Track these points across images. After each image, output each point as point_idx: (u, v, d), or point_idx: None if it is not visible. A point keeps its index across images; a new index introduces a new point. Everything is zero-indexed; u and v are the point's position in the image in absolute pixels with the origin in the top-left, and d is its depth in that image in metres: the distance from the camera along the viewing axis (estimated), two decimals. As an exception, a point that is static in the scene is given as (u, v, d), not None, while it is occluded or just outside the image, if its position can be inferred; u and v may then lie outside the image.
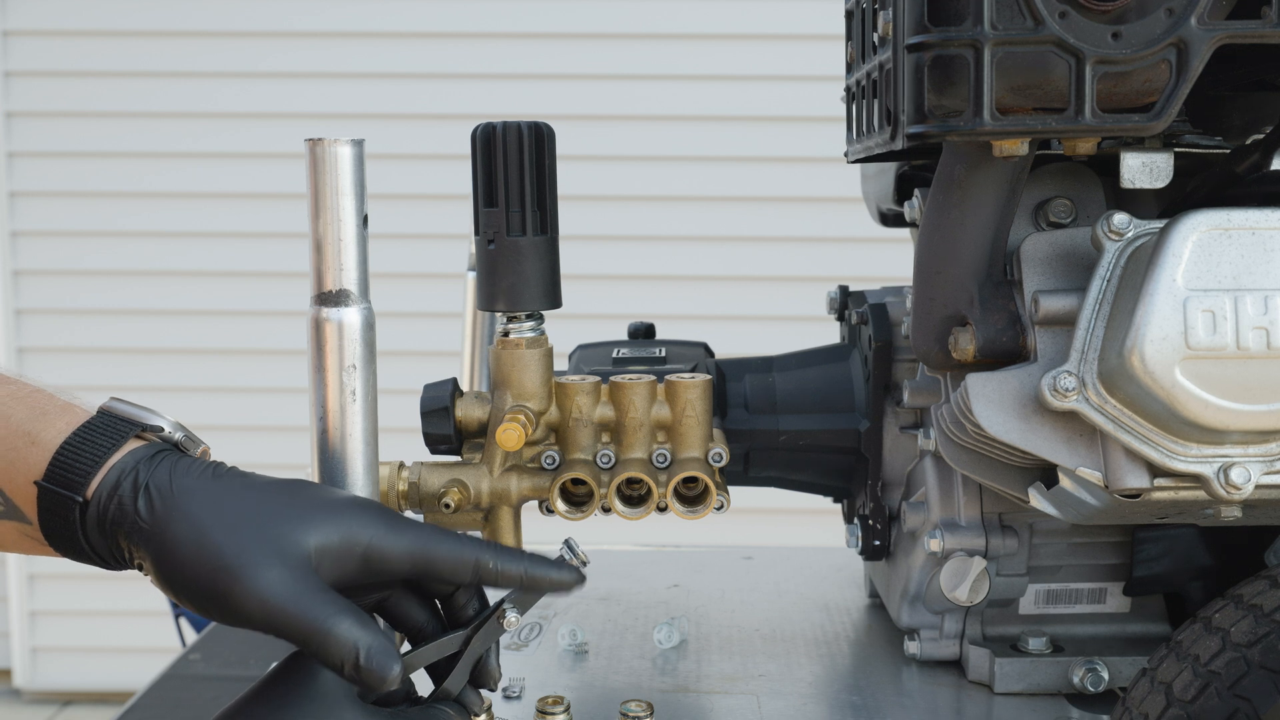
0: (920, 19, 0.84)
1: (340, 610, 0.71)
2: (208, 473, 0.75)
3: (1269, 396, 0.85)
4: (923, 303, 0.99)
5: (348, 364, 0.83)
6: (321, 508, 0.75)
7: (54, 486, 0.73)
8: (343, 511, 0.76)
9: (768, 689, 1.17)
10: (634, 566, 1.58)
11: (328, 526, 0.74)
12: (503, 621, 0.80)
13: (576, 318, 1.66)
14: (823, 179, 3.45)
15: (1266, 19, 0.82)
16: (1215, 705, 0.81)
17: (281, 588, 0.71)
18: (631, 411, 1.06)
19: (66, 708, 3.83)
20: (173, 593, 0.73)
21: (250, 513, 0.73)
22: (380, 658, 0.71)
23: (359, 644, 0.70)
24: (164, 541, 0.72)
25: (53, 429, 0.75)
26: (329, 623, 0.70)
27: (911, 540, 1.20)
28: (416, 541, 0.77)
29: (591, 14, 3.61)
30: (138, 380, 3.60)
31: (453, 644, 0.81)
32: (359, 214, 0.82)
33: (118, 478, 0.73)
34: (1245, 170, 1.02)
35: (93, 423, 0.76)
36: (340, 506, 0.76)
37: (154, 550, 0.72)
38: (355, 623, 0.71)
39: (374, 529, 0.76)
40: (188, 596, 0.73)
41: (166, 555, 0.72)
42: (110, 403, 0.78)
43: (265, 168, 3.63)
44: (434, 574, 0.78)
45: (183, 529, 0.72)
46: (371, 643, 0.71)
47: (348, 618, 0.71)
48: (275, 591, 0.70)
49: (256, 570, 0.71)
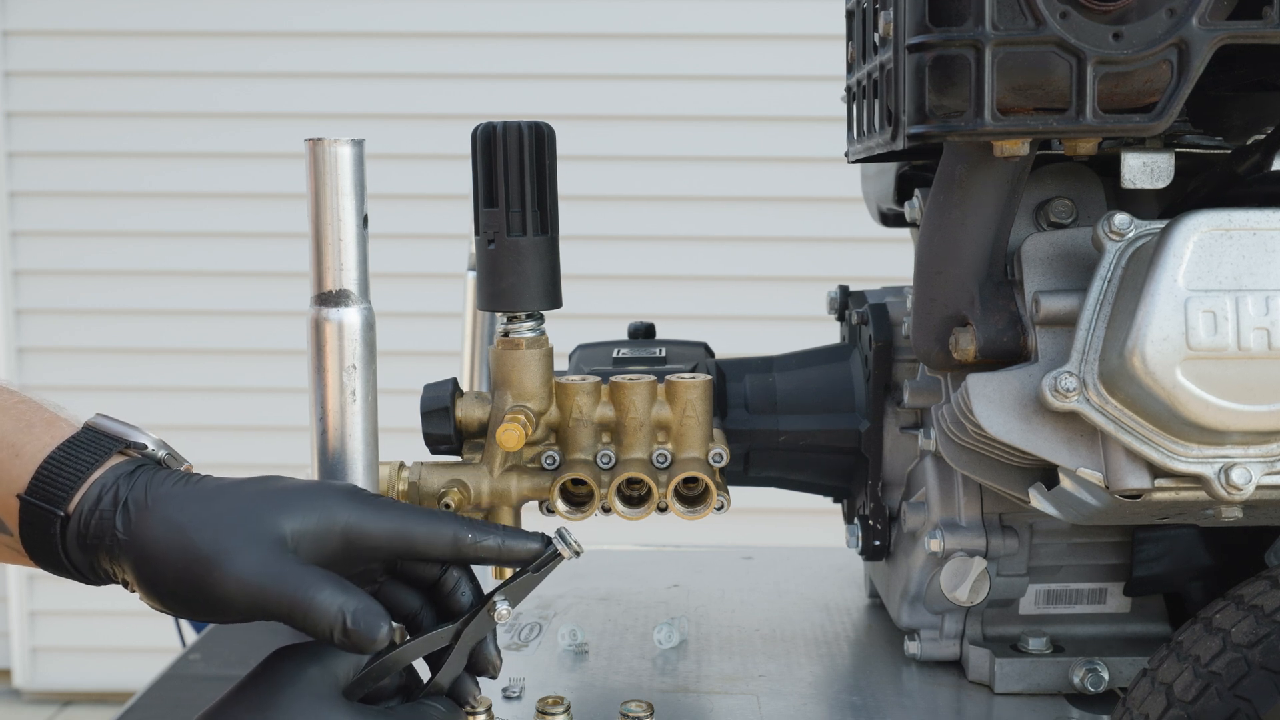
0: (921, 19, 0.84)
1: (321, 579, 0.72)
2: (181, 480, 0.76)
3: (1270, 397, 0.85)
4: (923, 303, 0.99)
5: (348, 364, 0.82)
6: (296, 493, 0.76)
7: (36, 501, 0.74)
8: (318, 494, 0.77)
9: (768, 689, 1.17)
10: (634, 566, 1.58)
11: (304, 509, 0.75)
12: (493, 614, 0.80)
13: (576, 318, 1.66)
14: (823, 179, 3.45)
15: (1267, 19, 0.82)
16: (1216, 706, 0.81)
17: (260, 567, 0.72)
18: (632, 411, 1.06)
19: (66, 708, 3.83)
20: (156, 598, 0.74)
21: (224, 507, 0.74)
22: (367, 618, 0.71)
23: (344, 608, 0.71)
24: (142, 548, 0.73)
25: (37, 443, 0.76)
26: (310, 591, 0.71)
27: (912, 540, 1.20)
28: (395, 519, 0.77)
29: (591, 14, 3.61)
30: (138, 380, 3.60)
31: (443, 638, 0.81)
32: (359, 214, 0.82)
33: (99, 493, 0.74)
34: (1246, 170, 1.02)
35: (77, 438, 0.76)
36: (315, 490, 0.77)
37: (133, 558, 0.73)
38: (338, 589, 0.72)
39: (351, 508, 0.77)
40: (170, 597, 0.73)
41: (145, 560, 0.72)
42: (95, 419, 0.78)
43: (265, 168, 3.63)
44: (414, 550, 0.78)
45: (158, 532, 0.73)
46: (356, 605, 0.71)
47: (329, 585, 0.72)
48: (254, 571, 0.71)
49: (233, 555, 0.72)
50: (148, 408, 3.52)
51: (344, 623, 0.71)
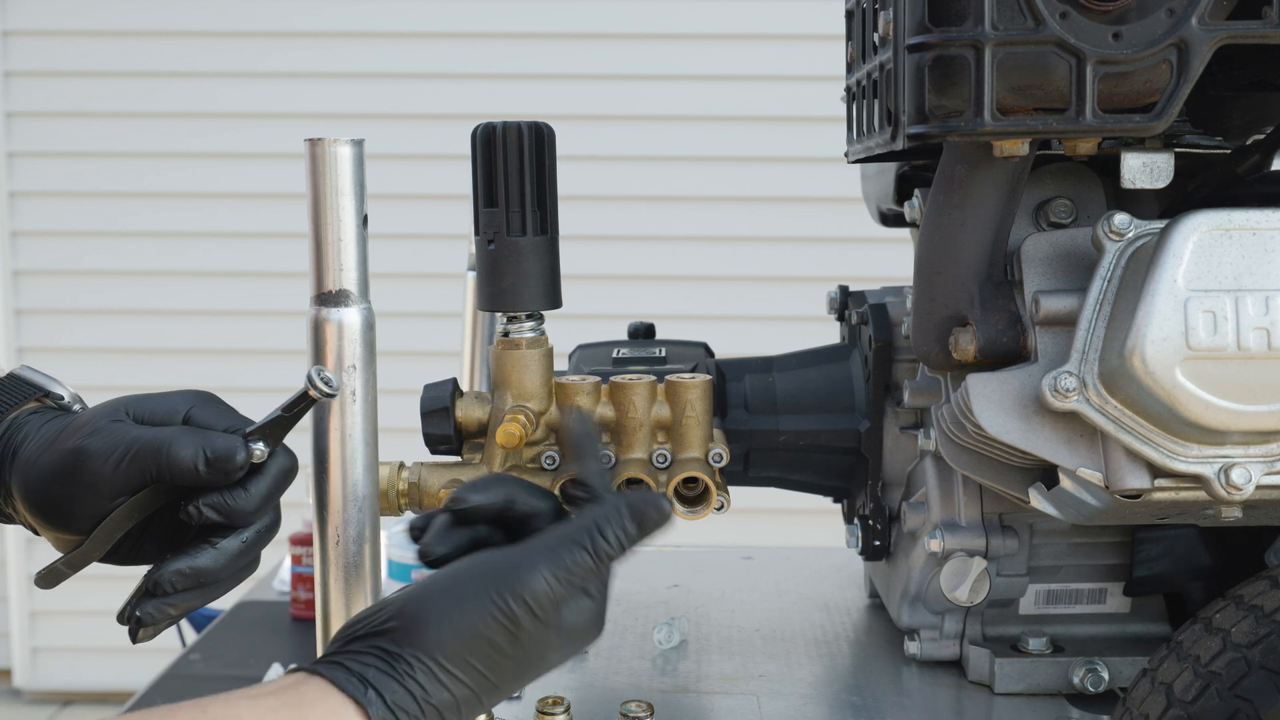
0: (921, 19, 0.84)
1: (176, 431, 0.80)
2: (60, 413, 0.85)
3: (1270, 397, 0.85)
4: (923, 303, 0.99)
5: (348, 364, 0.82)
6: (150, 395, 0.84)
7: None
8: (169, 396, 0.84)
9: (768, 689, 1.17)
10: (634, 566, 1.57)
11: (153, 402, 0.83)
12: (251, 457, 0.80)
13: (576, 318, 1.66)
14: (823, 179, 3.44)
15: (1267, 19, 0.82)
16: (1216, 706, 0.81)
17: (121, 435, 0.79)
18: (631, 411, 1.06)
19: (66, 708, 3.83)
20: (38, 511, 0.80)
21: (87, 415, 0.82)
22: (224, 448, 0.78)
23: (201, 445, 0.78)
24: (26, 463, 0.81)
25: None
26: (167, 439, 0.79)
27: (911, 540, 1.20)
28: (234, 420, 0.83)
29: (591, 14, 3.61)
30: (138, 380, 3.60)
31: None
32: (359, 214, 0.82)
33: (3, 433, 0.83)
34: (1246, 170, 1.02)
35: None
36: (168, 394, 0.84)
37: (20, 480, 0.81)
38: (192, 433, 0.80)
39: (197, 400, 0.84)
40: (49, 503, 0.80)
41: (28, 472, 0.81)
42: (19, 369, 0.87)
43: (265, 168, 3.63)
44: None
45: (35, 447, 0.82)
46: (208, 440, 0.79)
47: (184, 432, 0.80)
48: (116, 440, 0.79)
49: (96, 435, 0.79)
50: (148, 408, 3.51)
51: (204, 455, 0.78)
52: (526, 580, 0.71)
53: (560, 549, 0.73)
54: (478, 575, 0.72)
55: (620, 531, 0.76)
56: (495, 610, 0.70)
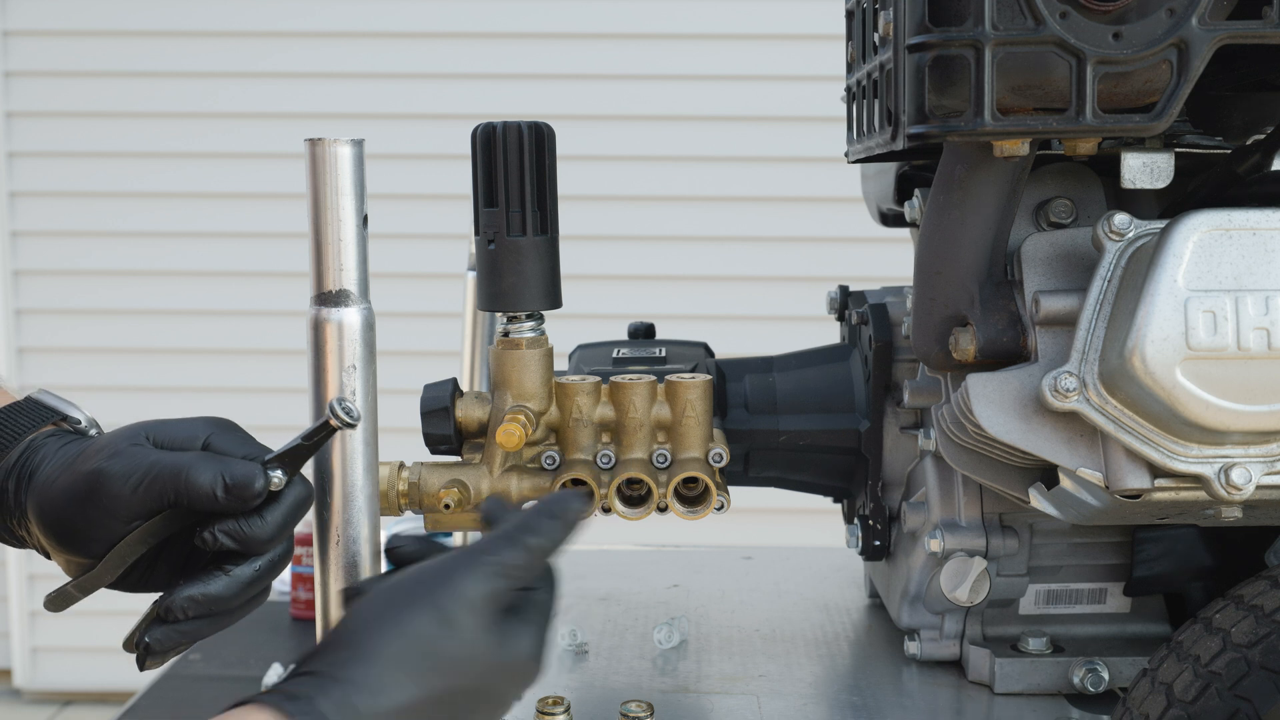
0: (921, 19, 0.84)
1: (194, 457, 0.80)
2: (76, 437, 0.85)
3: (1270, 397, 0.85)
4: (923, 303, 0.99)
5: (348, 364, 0.82)
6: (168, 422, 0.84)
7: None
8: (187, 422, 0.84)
9: (768, 689, 1.17)
10: (634, 566, 1.58)
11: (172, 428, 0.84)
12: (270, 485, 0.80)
13: (576, 318, 1.66)
14: (823, 179, 3.45)
15: (1267, 19, 0.82)
16: (1216, 706, 0.81)
17: (140, 458, 0.79)
18: (631, 411, 1.06)
19: (66, 708, 3.83)
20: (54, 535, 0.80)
21: (103, 440, 0.82)
22: (242, 474, 0.78)
23: (220, 471, 0.78)
24: (43, 484, 0.81)
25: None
26: (186, 465, 0.79)
27: (912, 540, 1.20)
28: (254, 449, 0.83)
29: (591, 14, 3.61)
30: (138, 380, 3.60)
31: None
32: (359, 214, 0.82)
33: (17, 457, 0.82)
34: (1246, 170, 1.02)
35: (17, 405, 0.85)
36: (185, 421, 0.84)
37: (36, 502, 0.81)
38: (210, 459, 0.80)
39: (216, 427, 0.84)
40: (66, 525, 0.79)
41: (44, 493, 0.80)
42: (37, 393, 0.87)
43: (265, 168, 3.63)
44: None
45: (52, 469, 0.81)
46: (230, 468, 0.79)
47: (202, 458, 0.80)
48: (135, 463, 0.79)
49: (116, 458, 0.79)
50: (148, 408, 3.49)
51: (223, 481, 0.78)
52: (459, 580, 0.72)
53: (490, 548, 0.74)
54: (411, 581, 0.73)
55: (545, 525, 0.76)
56: (431, 610, 0.71)
